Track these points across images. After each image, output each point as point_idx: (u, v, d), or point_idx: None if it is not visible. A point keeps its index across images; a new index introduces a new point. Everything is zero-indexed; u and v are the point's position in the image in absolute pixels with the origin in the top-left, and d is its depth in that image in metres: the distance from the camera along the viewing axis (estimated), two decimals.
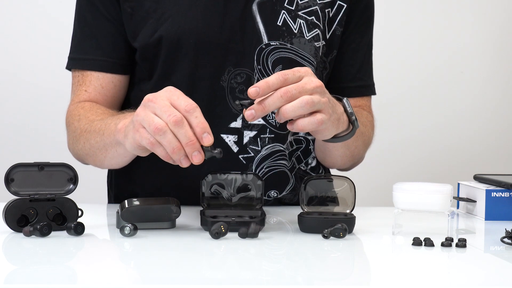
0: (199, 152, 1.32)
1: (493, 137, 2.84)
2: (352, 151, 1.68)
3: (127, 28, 1.67)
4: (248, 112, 1.34)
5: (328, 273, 1.19)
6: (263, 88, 1.33)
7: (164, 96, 1.34)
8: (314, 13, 1.67)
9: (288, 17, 1.65)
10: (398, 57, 2.79)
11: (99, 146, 1.56)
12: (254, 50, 1.65)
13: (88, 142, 1.59)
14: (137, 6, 1.65)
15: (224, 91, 1.65)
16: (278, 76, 1.34)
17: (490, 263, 1.27)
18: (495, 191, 1.59)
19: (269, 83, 1.33)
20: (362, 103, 1.77)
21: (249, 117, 1.34)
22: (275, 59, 1.65)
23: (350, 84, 1.76)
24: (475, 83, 2.83)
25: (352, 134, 1.46)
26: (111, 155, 1.56)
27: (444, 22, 2.80)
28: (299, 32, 1.66)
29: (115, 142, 1.50)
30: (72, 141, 1.67)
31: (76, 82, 1.71)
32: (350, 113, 1.45)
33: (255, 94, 1.33)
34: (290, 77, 1.35)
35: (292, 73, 1.35)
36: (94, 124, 1.58)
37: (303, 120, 1.35)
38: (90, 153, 1.61)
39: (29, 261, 1.22)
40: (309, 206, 1.47)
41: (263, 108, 1.34)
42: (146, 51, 1.66)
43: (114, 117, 1.55)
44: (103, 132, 1.53)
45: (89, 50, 1.69)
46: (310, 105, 1.34)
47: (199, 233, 1.39)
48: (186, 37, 1.63)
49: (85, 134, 1.60)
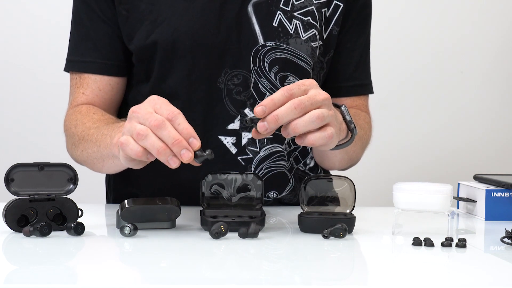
0: (187, 149, 1.30)
1: (493, 137, 2.84)
2: (351, 155, 1.68)
3: (123, 31, 1.66)
4: (261, 123, 1.32)
5: (328, 273, 1.19)
6: (269, 106, 1.31)
7: (148, 106, 1.34)
8: (310, 13, 1.67)
9: (283, 17, 1.65)
10: (398, 57, 2.79)
11: (96, 156, 1.56)
12: (250, 52, 1.64)
13: (86, 151, 1.59)
14: (132, 8, 1.65)
15: (221, 92, 1.64)
16: (284, 92, 1.32)
17: (490, 263, 1.27)
18: (495, 191, 1.59)
19: (274, 100, 1.32)
20: (359, 102, 1.77)
21: (262, 129, 1.32)
22: (272, 59, 1.65)
23: (346, 84, 1.75)
24: (475, 83, 2.83)
25: (351, 141, 1.46)
26: (109, 165, 1.56)
27: (444, 22, 2.80)
28: (295, 33, 1.65)
29: (111, 155, 1.50)
30: (71, 146, 1.66)
31: (74, 85, 1.71)
32: (349, 121, 1.44)
33: (261, 113, 1.31)
34: (296, 91, 1.33)
35: (298, 87, 1.34)
36: (90, 133, 1.58)
37: (314, 135, 1.34)
38: (88, 161, 1.61)
39: (29, 261, 1.22)
40: (309, 206, 1.47)
41: (276, 120, 1.31)
42: (142, 54, 1.66)
43: (109, 127, 1.53)
44: (100, 144, 1.53)
45: (86, 52, 1.69)
46: (321, 119, 1.32)
47: (199, 233, 1.39)
48: (181, 39, 1.63)
49: (83, 142, 1.60)
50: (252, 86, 1.65)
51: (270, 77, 1.65)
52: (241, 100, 1.65)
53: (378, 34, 2.19)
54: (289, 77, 1.66)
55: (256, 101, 1.65)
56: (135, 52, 1.67)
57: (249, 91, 1.65)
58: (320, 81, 1.72)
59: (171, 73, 1.65)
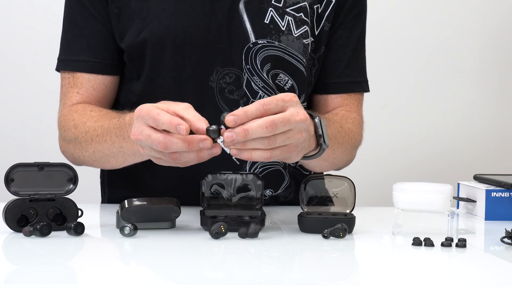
0: (201, 140, 1.31)
1: (493, 137, 2.84)
2: (331, 161, 1.65)
3: (115, 29, 1.66)
4: (229, 134, 1.30)
5: (328, 273, 1.19)
6: (242, 118, 1.30)
7: (139, 127, 1.35)
8: (303, 9, 1.66)
9: (275, 14, 1.64)
10: (398, 57, 2.79)
11: (112, 153, 1.56)
12: (242, 50, 1.64)
13: (100, 152, 1.58)
14: (124, 6, 1.64)
15: (213, 91, 1.64)
16: (259, 106, 1.30)
17: (490, 263, 1.27)
18: (495, 191, 1.59)
19: (248, 113, 1.30)
20: (349, 101, 1.74)
21: (228, 139, 1.30)
22: (263, 57, 1.64)
23: (337, 80, 1.73)
24: (475, 83, 2.83)
25: (319, 154, 1.45)
26: (130, 160, 1.57)
27: (444, 21, 2.80)
28: (287, 30, 1.65)
29: (135, 152, 1.52)
30: (73, 147, 1.64)
31: (67, 84, 1.70)
32: (319, 135, 1.42)
33: (232, 123, 1.30)
34: (272, 107, 1.31)
35: (276, 103, 1.31)
36: (99, 133, 1.57)
37: (255, 152, 1.32)
38: (102, 159, 1.60)
39: (29, 261, 1.22)
40: (309, 206, 1.47)
41: (245, 135, 1.30)
42: (132, 52, 1.65)
43: (117, 124, 1.54)
44: (115, 143, 1.54)
45: (79, 51, 1.68)
46: (291, 151, 1.33)
47: (199, 233, 1.39)
48: (171, 37, 1.62)
49: (92, 143, 1.59)
50: (245, 85, 1.64)
51: (262, 75, 1.64)
52: (233, 99, 1.64)
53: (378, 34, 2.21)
54: (280, 75, 1.66)
55: (249, 100, 1.64)
56: (126, 50, 1.66)
57: (241, 90, 1.64)
58: (312, 77, 1.71)
59: (161, 71, 1.64)
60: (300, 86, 1.68)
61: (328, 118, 1.65)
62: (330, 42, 1.71)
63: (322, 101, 1.74)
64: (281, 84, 1.66)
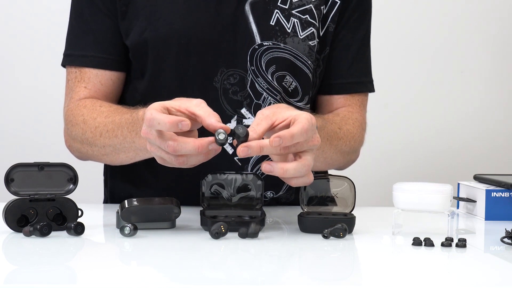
0: (210, 141, 1.31)
1: (493, 137, 2.84)
2: (328, 163, 1.66)
3: (121, 27, 1.66)
4: (244, 148, 1.30)
5: (328, 273, 1.19)
6: (255, 150, 1.31)
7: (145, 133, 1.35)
8: (309, 11, 1.66)
9: (281, 16, 1.64)
10: (397, 56, 2.79)
11: (124, 147, 1.56)
12: (247, 51, 1.64)
13: (110, 147, 1.58)
14: (130, 4, 1.64)
15: (217, 92, 1.64)
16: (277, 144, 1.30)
17: (490, 263, 1.27)
18: (495, 191, 1.59)
19: (263, 148, 1.31)
20: (352, 102, 1.74)
21: (242, 153, 1.30)
22: (269, 59, 1.64)
23: (341, 81, 1.73)
24: (475, 83, 2.83)
25: None
26: (142, 155, 1.57)
27: (444, 22, 2.80)
28: (292, 31, 1.65)
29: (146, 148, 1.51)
30: (81, 142, 1.64)
31: (74, 79, 1.70)
32: None
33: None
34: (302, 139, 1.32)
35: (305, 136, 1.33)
36: (109, 128, 1.57)
37: (298, 180, 1.35)
38: (112, 154, 1.60)
39: (29, 261, 1.22)
40: (309, 206, 1.47)
41: (260, 150, 1.31)
42: (136, 50, 1.65)
43: (130, 119, 1.53)
44: (127, 137, 1.53)
45: (87, 46, 1.68)
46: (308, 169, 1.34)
47: (199, 233, 1.39)
48: (176, 37, 1.62)
49: (101, 139, 1.59)
50: (249, 86, 1.64)
51: (267, 77, 1.64)
52: (237, 100, 1.64)
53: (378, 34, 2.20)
54: (287, 77, 1.66)
55: (252, 101, 1.64)
56: (130, 48, 1.66)
57: (245, 91, 1.64)
58: (317, 78, 1.71)
59: (165, 70, 1.64)
60: (304, 88, 1.67)
61: (327, 119, 1.65)
62: (334, 43, 1.71)
63: (326, 101, 1.74)
64: (286, 86, 1.66)
